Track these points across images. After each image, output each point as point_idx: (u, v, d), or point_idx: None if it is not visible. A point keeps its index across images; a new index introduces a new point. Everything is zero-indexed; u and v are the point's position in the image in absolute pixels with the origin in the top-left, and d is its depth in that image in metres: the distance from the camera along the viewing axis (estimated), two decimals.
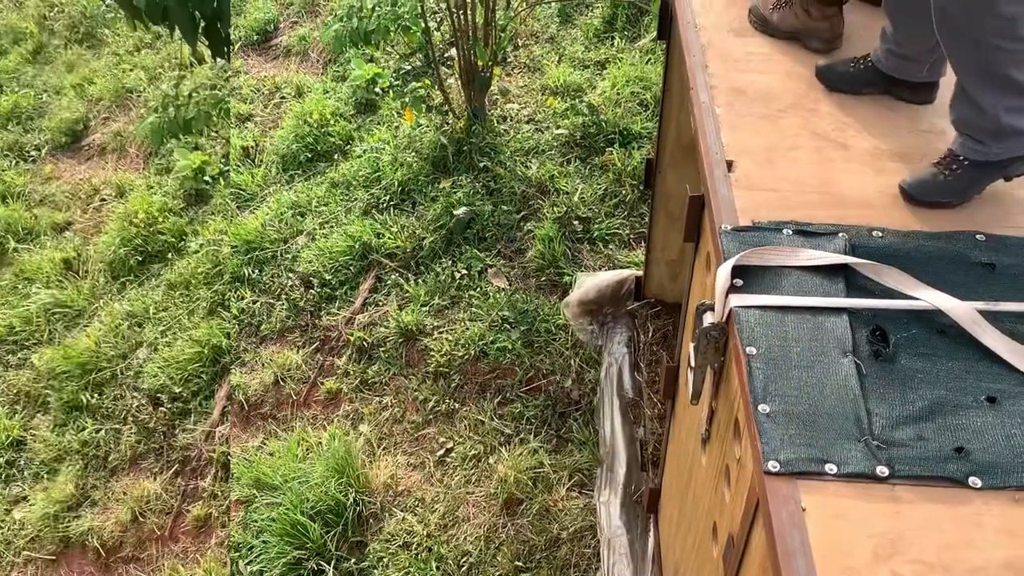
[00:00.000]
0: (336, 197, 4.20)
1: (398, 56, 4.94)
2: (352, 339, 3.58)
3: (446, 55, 4.50)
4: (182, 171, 4.57)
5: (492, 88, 4.34)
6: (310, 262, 3.89)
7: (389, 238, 3.90)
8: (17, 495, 3.47)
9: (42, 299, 4.11)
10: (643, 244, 3.61)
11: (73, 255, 4.40)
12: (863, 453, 1.33)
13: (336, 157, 4.48)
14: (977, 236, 1.71)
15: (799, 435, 1.36)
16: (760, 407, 1.40)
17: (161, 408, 3.54)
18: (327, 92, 4.94)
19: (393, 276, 3.80)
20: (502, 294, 3.58)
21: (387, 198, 4.11)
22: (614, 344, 3.22)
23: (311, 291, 3.81)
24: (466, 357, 3.43)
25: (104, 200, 4.79)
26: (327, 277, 3.83)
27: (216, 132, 4.62)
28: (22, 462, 3.55)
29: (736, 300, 1.57)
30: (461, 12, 3.96)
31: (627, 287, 3.33)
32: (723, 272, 1.60)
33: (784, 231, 1.72)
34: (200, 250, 4.17)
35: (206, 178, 4.55)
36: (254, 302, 3.83)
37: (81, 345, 3.79)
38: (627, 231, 3.72)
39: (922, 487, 1.29)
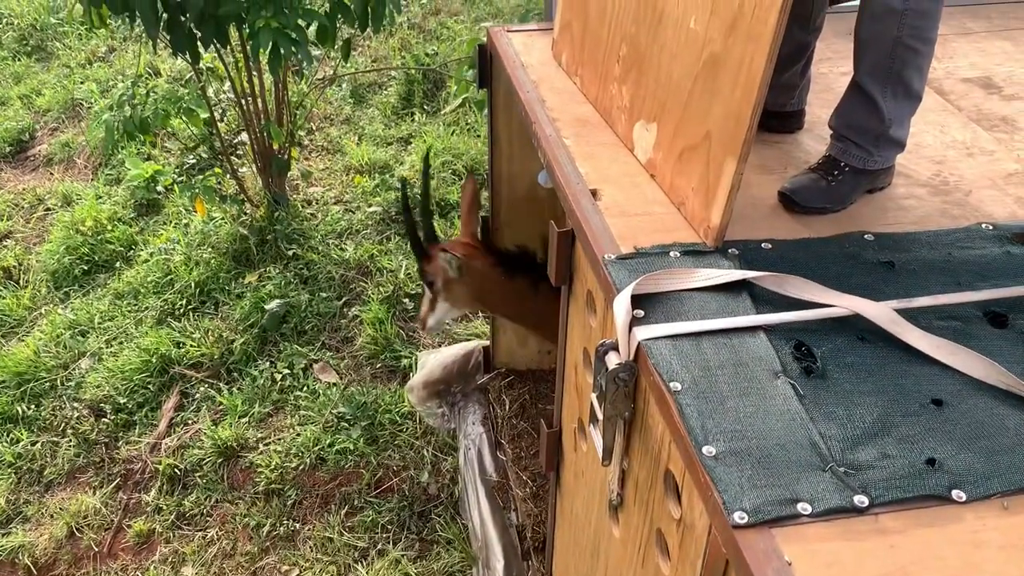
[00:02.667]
0: (123, 309, 3.66)
1: (179, 151, 4.51)
2: (160, 468, 3.04)
3: (235, 142, 4.13)
4: (134, 180, 4.30)
5: (292, 171, 4.01)
6: (99, 386, 3.32)
7: (192, 346, 3.42)
8: None
9: None
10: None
11: (13, 264, 4.07)
12: (833, 484, 1.12)
13: (118, 265, 3.94)
14: (865, 236, 1.60)
15: (759, 475, 1.13)
16: (705, 450, 1.16)
17: (104, 419, 3.27)
18: (100, 197, 4.40)
19: (202, 388, 3.31)
20: (334, 390, 3.19)
21: (183, 302, 3.63)
22: (469, 425, 2.92)
23: (103, 420, 3.23)
24: (301, 467, 3.00)
25: (49, 210, 4.45)
26: (121, 401, 3.27)
27: (174, 133, 4.36)
28: None
29: (643, 332, 1.34)
30: (249, 98, 3.64)
31: (475, 360, 3.05)
32: (622, 303, 1.37)
33: (671, 253, 1.53)
34: (150, 259, 3.91)
35: (158, 188, 4.33)
36: (33, 443, 3.20)
37: (19, 355, 3.50)
38: None
39: (907, 511, 1.10)
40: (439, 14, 5.59)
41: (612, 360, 1.37)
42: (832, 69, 2.17)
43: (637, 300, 1.40)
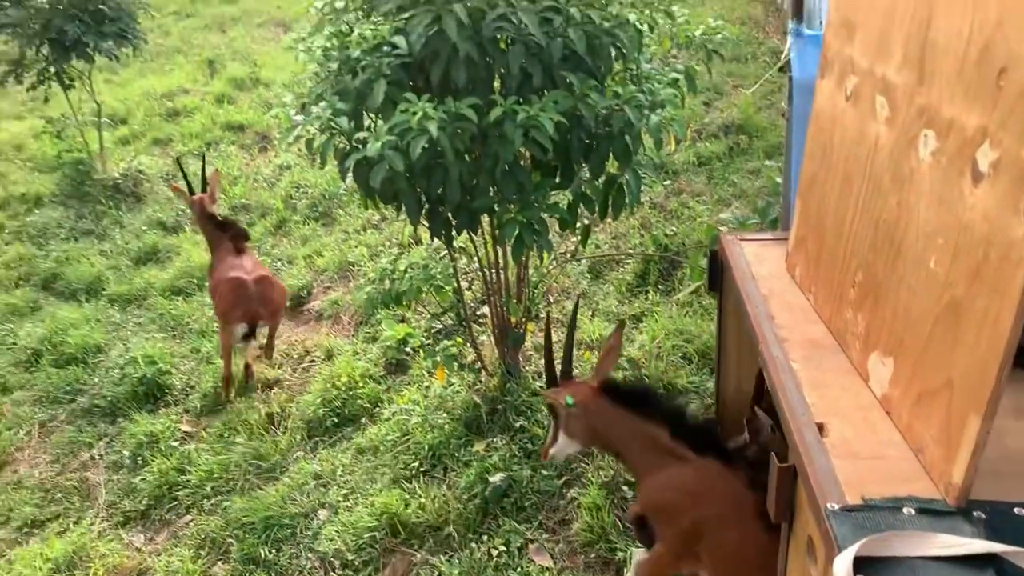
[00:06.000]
0: (362, 465, 3.91)
1: (429, 315, 4.86)
2: None
3: (478, 312, 4.40)
4: (387, 340, 4.72)
5: (526, 344, 4.18)
6: (332, 539, 3.52)
7: (418, 509, 3.55)
8: None
9: (242, 449, 4.14)
10: None
11: (277, 410, 4.45)
12: None
13: (363, 421, 4.24)
14: None
15: None
16: None
17: (332, 574, 3.44)
18: (357, 354, 4.81)
19: (421, 554, 3.41)
20: (546, 575, 3.16)
21: (416, 464, 3.81)
22: None
23: (332, 574, 3.41)
24: None
25: (313, 362, 4.90)
26: (350, 557, 3.44)
27: (423, 307, 4.78)
28: None
29: None
30: (493, 271, 3.90)
31: None
32: (843, 567, 1.27)
33: (904, 510, 1.41)
34: (392, 418, 4.16)
35: (407, 349, 4.71)
36: None
37: (268, 499, 3.79)
38: None
39: None
40: (681, 194, 5.72)
41: None
42: None
43: (861, 562, 1.29)
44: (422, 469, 3.79)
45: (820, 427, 1.62)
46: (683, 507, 2.37)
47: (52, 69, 6.92)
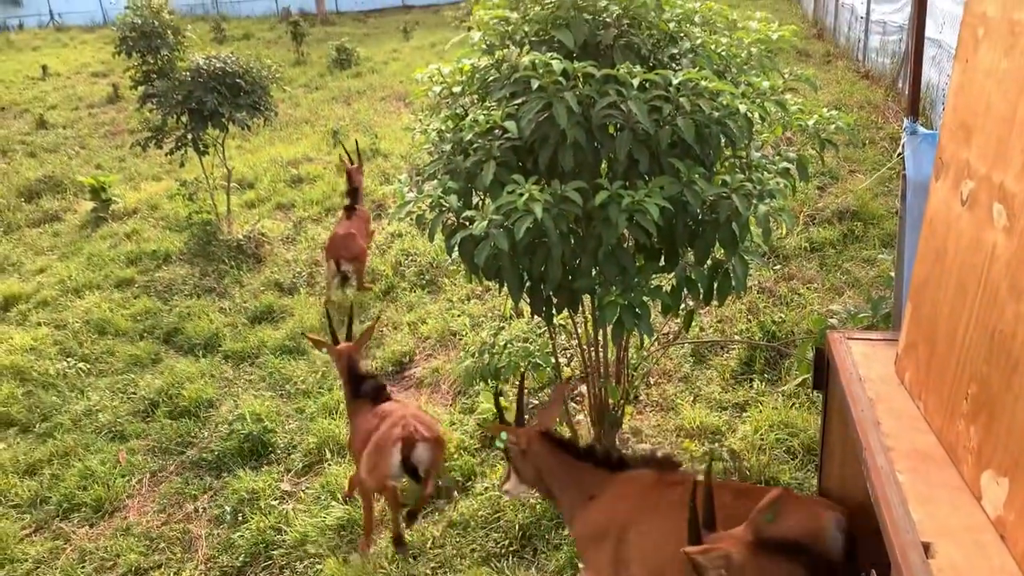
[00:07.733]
0: (452, 539, 3.90)
1: (528, 391, 4.86)
2: None
3: (575, 391, 4.38)
4: (484, 413, 4.73)
5: (623, 427, 4.12)
6: None
7: None
8: None
9: (337, 514, 4.19)
10: None
11: None
12: None
13: (455, 495, 4.24)
14: None
15: None
16: None
17: None
18: (453, 424, 4.85)
19: None
20: None
21: (506, 543, 3.78)
22: None
23: None
24: None
25: None
26: None
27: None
28: None
29: None
30: (592, 349, 3.89)
31: None
32: None
33: None
34: (484, 493, 4.16)
35: None
36: None
37: (358, 567, 3.81)
38: None
39: None
40: (792, 280, 5.59)
41: None
42: None
43: None
44: (512, 548, 3.75)
45: (926, 547, 1.53)
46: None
47: (189, 136, 7.43)
